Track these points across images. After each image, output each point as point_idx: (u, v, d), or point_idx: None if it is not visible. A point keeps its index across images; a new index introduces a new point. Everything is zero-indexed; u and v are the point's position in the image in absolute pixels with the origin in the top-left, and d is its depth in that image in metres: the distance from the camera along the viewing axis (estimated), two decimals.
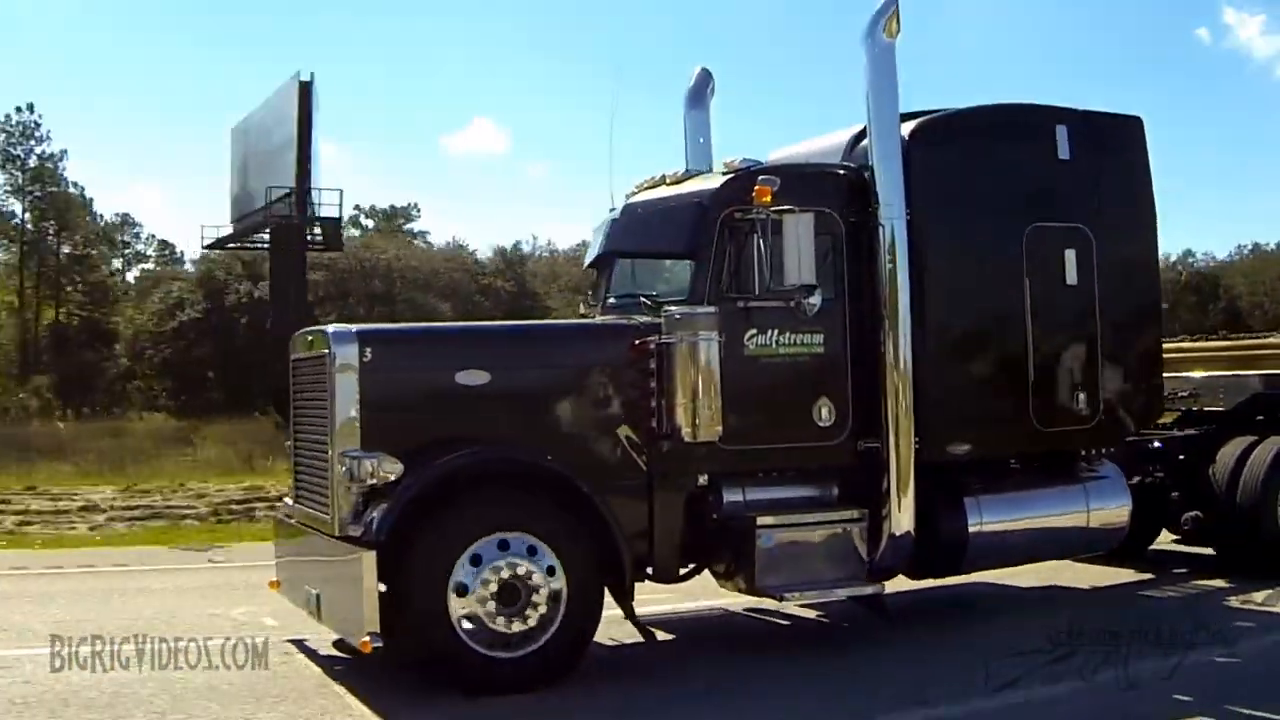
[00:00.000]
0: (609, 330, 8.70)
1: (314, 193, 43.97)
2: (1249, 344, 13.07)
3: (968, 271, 9.28)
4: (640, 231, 9.25)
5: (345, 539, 7.55)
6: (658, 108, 35.92)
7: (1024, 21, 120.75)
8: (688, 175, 9.43)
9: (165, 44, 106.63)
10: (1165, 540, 11.84)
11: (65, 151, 66.53)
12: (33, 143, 65.30)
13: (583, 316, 10.04)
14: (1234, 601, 10.11)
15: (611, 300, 9.37)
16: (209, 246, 52.82)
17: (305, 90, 42.50)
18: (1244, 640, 8.72)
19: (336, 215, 46.11)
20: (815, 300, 8.49)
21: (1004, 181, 9.54)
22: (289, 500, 9.35)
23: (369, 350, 7.83)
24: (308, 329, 8.86)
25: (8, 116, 64.59)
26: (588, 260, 10.07)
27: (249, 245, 51.27)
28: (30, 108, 64.97)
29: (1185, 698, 7.24)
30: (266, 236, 46.87)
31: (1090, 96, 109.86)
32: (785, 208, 8.32)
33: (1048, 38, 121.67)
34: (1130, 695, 7.19)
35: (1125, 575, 11.34)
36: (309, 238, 45.87)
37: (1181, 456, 11.20)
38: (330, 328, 8.20)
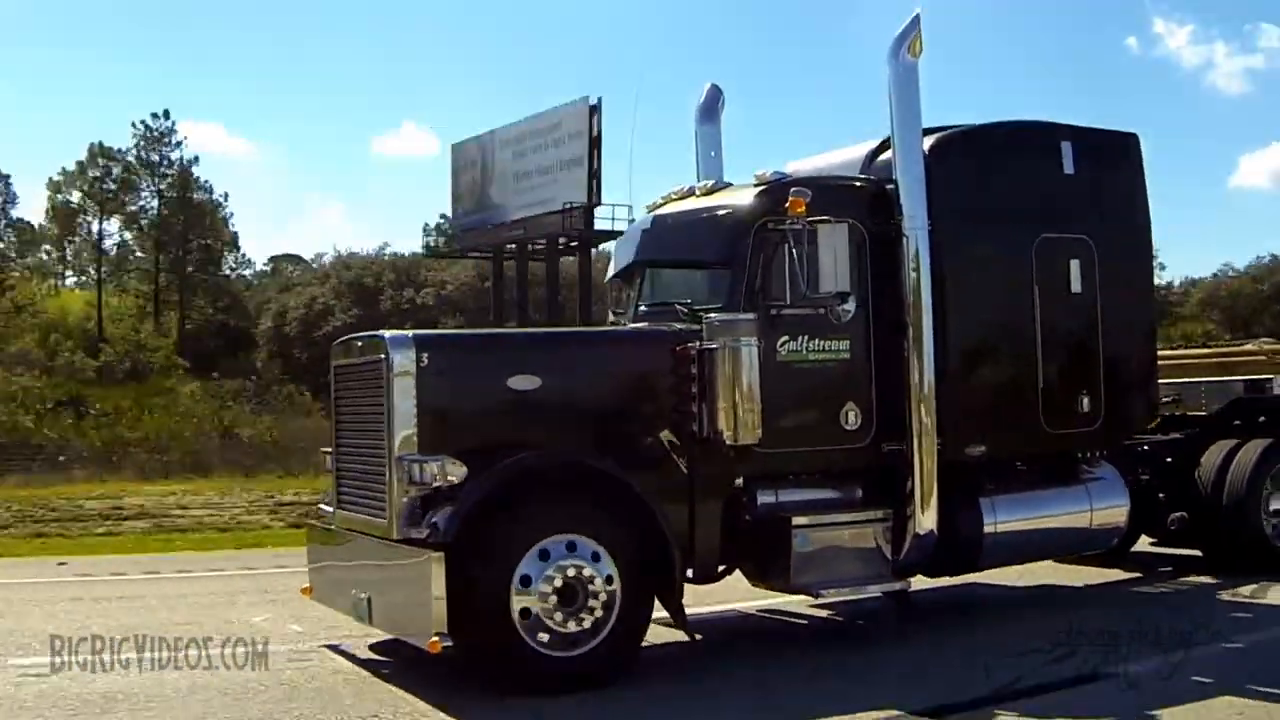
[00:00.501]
0: (652, 336, 8.97)
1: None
2: (1228, 351, 13.69)
3: (983, 280, 9.72)
4: (675, 241, 9.56)
5: (406, 542, 7.74)
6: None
7: (952, 29, 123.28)
8: (718, 187, 9.77)
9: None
10: (1143, 543, 12.33)
11: (197, 158, 71.12)
12: (166, 149, 68.95)
13: (612, 324, 10.27)
14: (1225, 595, 10.63)
15: (643, 308, 9.64)
16: (431, 255, 63.32)
17: (594, 112, 44.84)
18: (1244, 633, 9.18)
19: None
20: (849, 307, 8.87)
21: (1015, 194, 10.00)
22: (325, 506, 9.55)
23: (425, 355, 8.04)
24: (356, 335, 9.06)
25: (144, 122, 68.45)
26: (614, 270, 10.35)
27: (472, 254, 56.03)
28: (166, 114, 68.82)
29: (1205, 680, 7.64)
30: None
31: (1020, 104, 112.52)
32: (821, 218, 8.69)
33: (976, 46, 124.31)
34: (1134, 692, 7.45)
35: (1114, 575, 11.81)
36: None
37: (1169, 459, 11.69)
38: (386, 333, 8.41)
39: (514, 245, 49.48)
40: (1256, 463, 11.37)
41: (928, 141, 9.45)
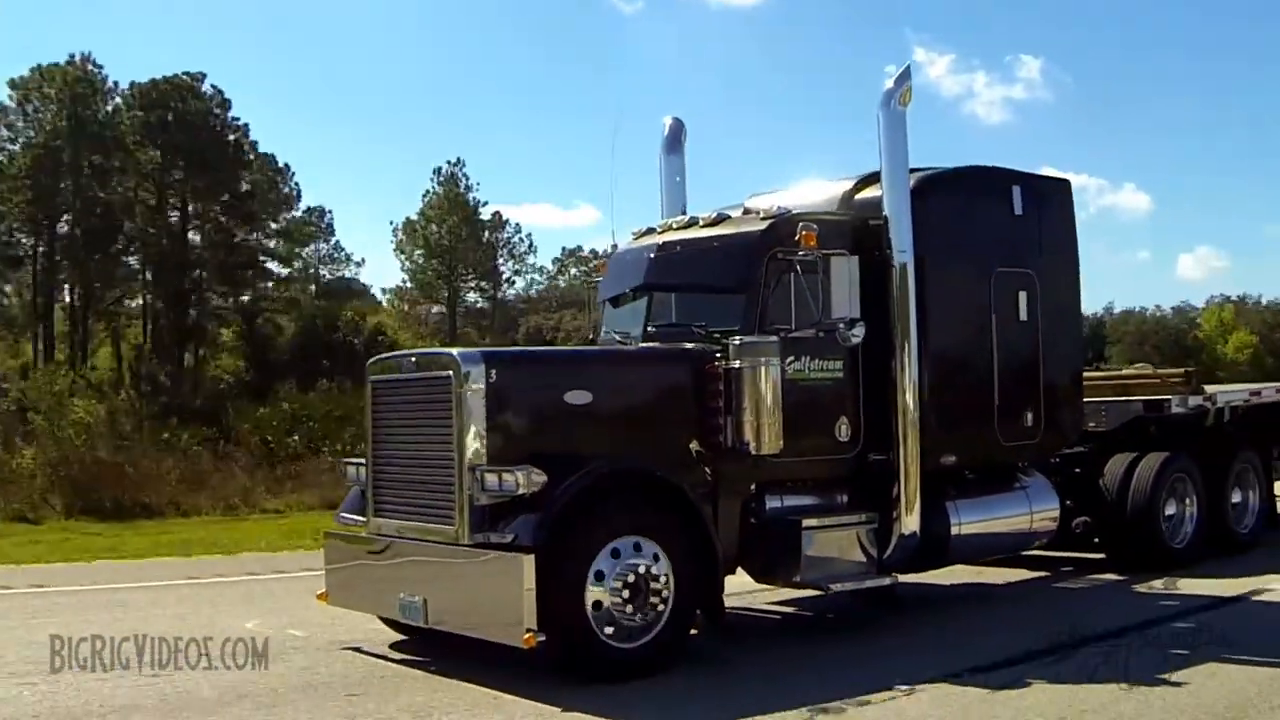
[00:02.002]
0: (686, 355, 9.85)
1: None
2: (1123, 374, 15.42)
3: (954, 308, 10.98)
4: (688, 268, 10.47)
5: (485, 545, 8.47)
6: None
7: (712, 57, 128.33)
8: (721, 218, 10.72)
9: None
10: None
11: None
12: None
13: (619, 343, 11.04)
14: (1141, 589, 12.15)
15: (651, 328, 10.54)
16: None
17: None
18: (1193, 614, 10.71)
19: None
20: (858, 331, 9.95)
21: (978, 232, 11.34)
22: (348, 515, 10.14)
23: (494, 371, 8.79)
24: (406, 352, 9.73)
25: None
26: (614, 292, 11.22)
27: None
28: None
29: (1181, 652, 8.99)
30: None
31: (783, 132, 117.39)
32: (835, 251, 9.81)
33: (735, 74, 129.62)
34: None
35: (1024, 574, 13.26)
36: None
37: (1076, 470, 13.18)
38: (456, 350, 9.13)
39: None
40: (1157, 473, 12.98)
41: (910, 182, 10.65)
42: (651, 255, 10.78)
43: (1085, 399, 12.96)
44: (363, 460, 9.97)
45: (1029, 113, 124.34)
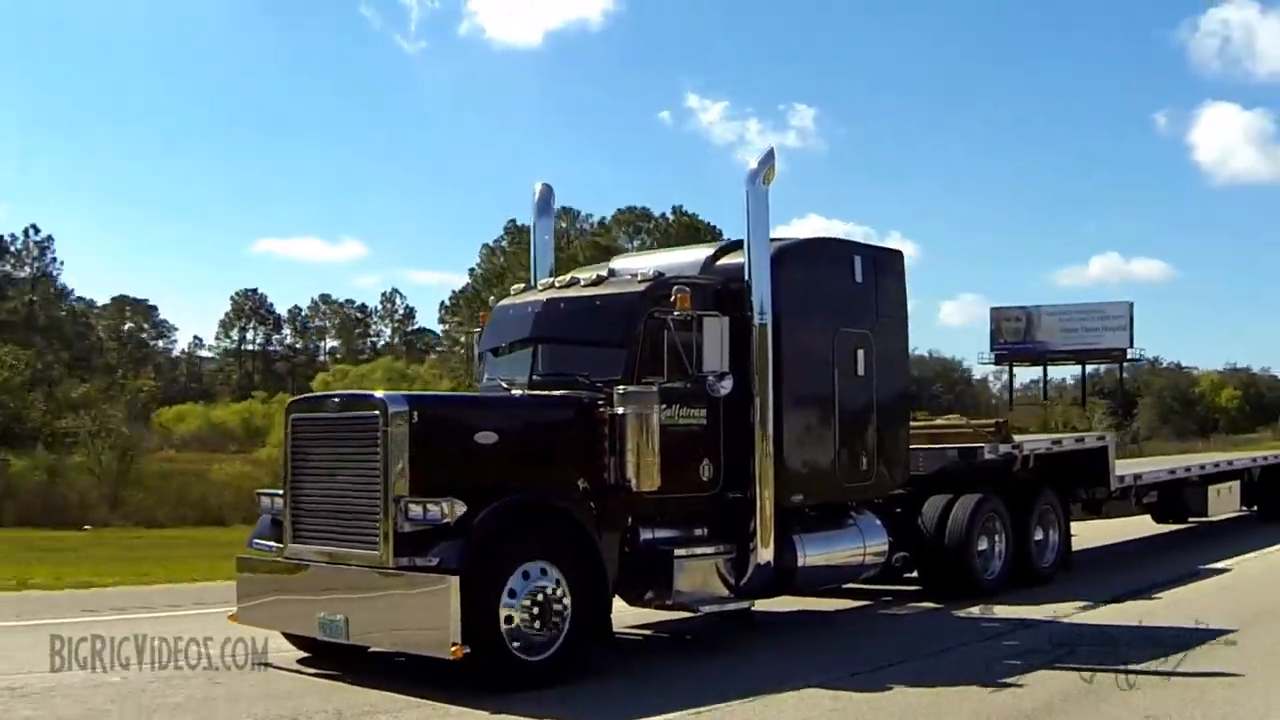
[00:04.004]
0: (576, 401, 11.46)
1: None
2: (936, 424, 17.70)
3: (804, 363, 12.88)
4: (573, 323, 12.11)
5: (412, 569, 9.89)
6: None
7: (493, 97, 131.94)
8: (599, 279, 12.44)
9: None
10: None
11: None
12: None
13: (468, 389, 12.68)
14: (960, 613, 14.21)
15: (536, 377, 12.13)
16: None
17: None
18: (1005, 637, 12.72)
19: None
20: (727, 384, 11.74)
21: (825, 296, 13.33)
22: (262, 541, 11.47)
23: (416, 413, 10.30)
24: (329, 394, 11.21)
25: None
26: (496, 343, 12.81)
27: None
28: None
29: (1015, 662, 10.99)
30: None
31: (553, 173, 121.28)
32: (708, 312, 11.63)
33: (515, 114, 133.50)
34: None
35: (852, 602, 15.23)
36: None
37: (897, 509, 15.22)
38: (380, 393, 10.62)
39: None
40: (971, 512, 15.14)
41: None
42: (538, 311, 12.40)
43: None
44: (279, 491, 11.31)
45: (800, 161, 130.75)
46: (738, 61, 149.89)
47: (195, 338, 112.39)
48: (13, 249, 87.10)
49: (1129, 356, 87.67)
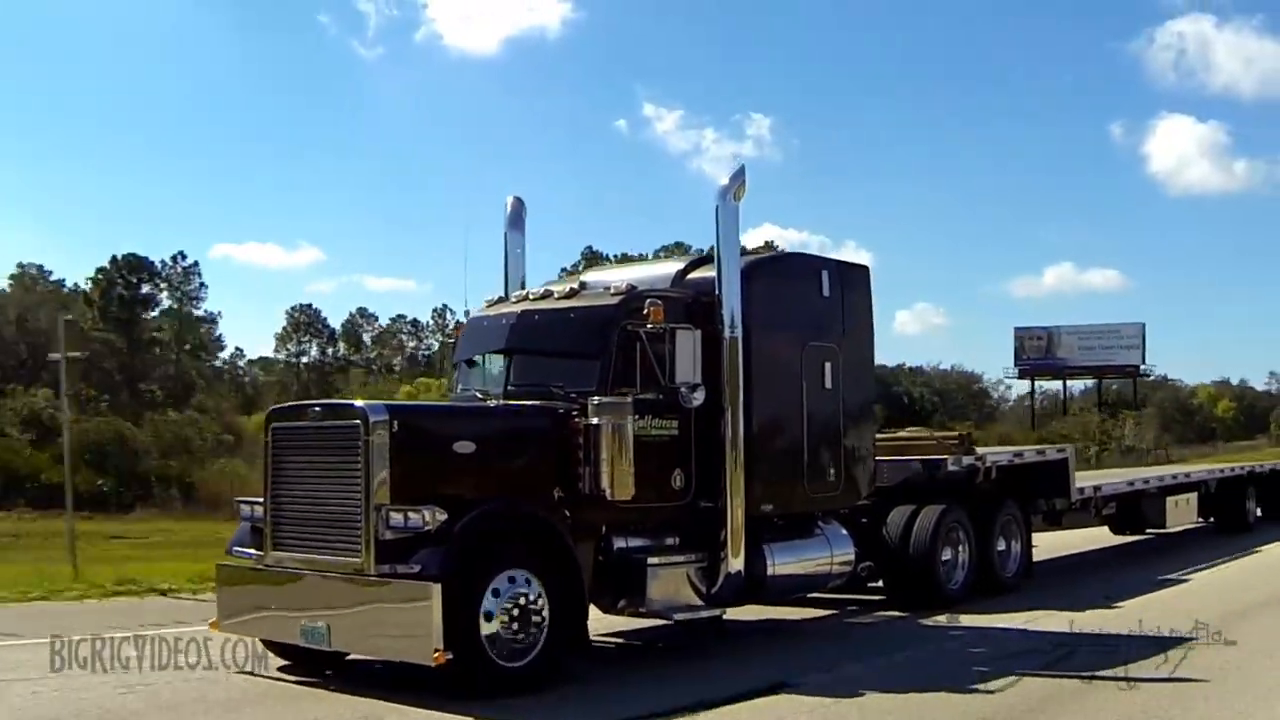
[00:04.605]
0: (552, 412, 11.77)
1: None
2: (900, 436, 18.15)
3: (773, 375, 13.27)
4: (547, 335, 12.44)
5: (394, 576, 10.18)
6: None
7: (450, 104, 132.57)
8: (572, 291, 12.78)
9: None
10: None
11: None
12: None
13: (443, 398, 12.99)
14: (926, 622, 14.63)
15: (511, 387, 12.47)
16: None
17: None
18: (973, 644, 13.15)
19: None
20: (699, 395, 12.10)
21: (794, 310, 13.73)
22: (242, 549, 11.74)
23: (396, 422, 10.61)
24: (310, 402, 11.48)
25: None
26: (471, 353, 13.14)
27: None
28: None
29: (983, 668, 11.39)
30: None
31: (509, 180, 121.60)
32: (681, 324, 12.00)
33: (473, 121, 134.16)
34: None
35: (818, 611, 15.62)
36: None
37: (863, 520, 15.62)
38: (360, 403, 10.92)
39: None
40: (935, 523, 15.55)
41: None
42: (512, 323, 12.74)
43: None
44: (258, 499, 11.58)
45: (756, 170, 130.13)
46: (694, 71, 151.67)
47: (236, 348, 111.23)
48: None
49: (1141, 372, 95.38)
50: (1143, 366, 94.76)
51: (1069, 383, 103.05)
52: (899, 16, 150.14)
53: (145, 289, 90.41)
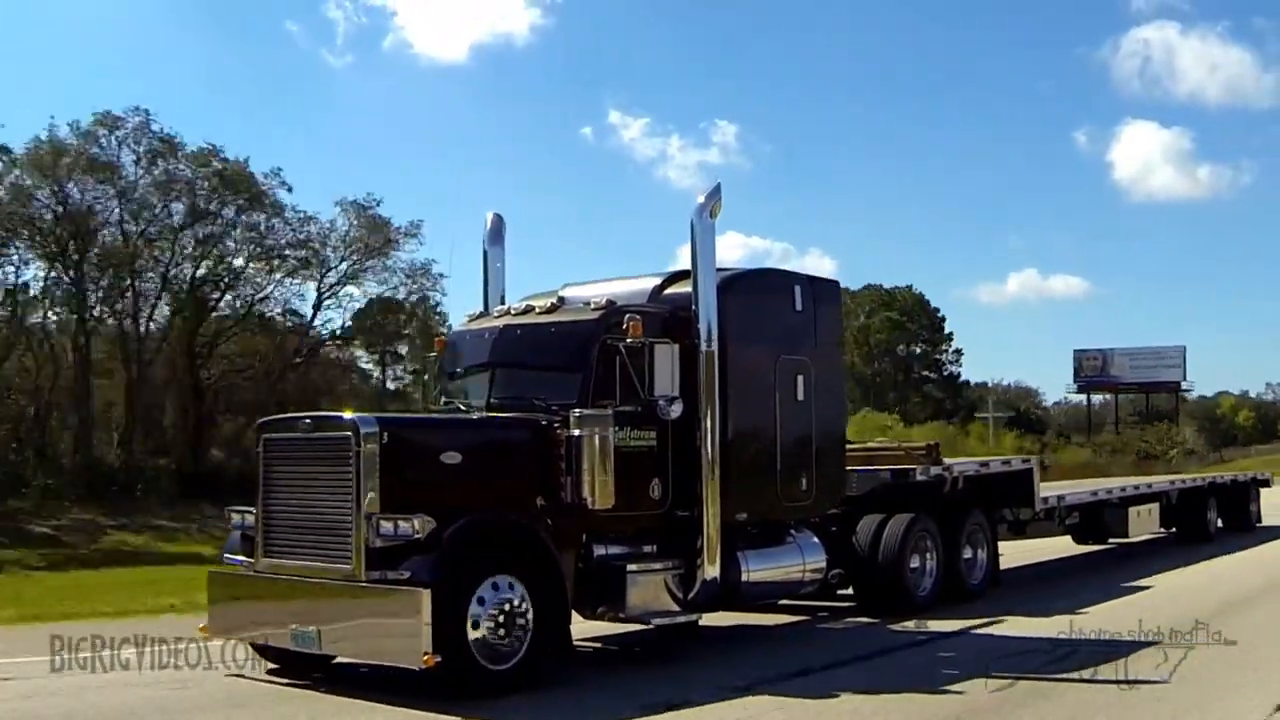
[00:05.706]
0: (535, 423, 12.32)
1: None
2: (869, 446, 18.80)
3: (748, 387, 13.85)
4: (529, 349, 13.02)
5: (384, 582, 10.70)
6: None
7: (420, 112, 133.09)
8: (553, 306, 13.34)
9: None
10: None
11: None
12: None
13: (428, 411, 13.50)
14: (896, 628, 15.23)
15: (494, 400, 13.01)
16: None
17: None
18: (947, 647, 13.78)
19: None
20: (678, 408, 12.67)
21: (767, 324, 14.33)
22: (233, 556, 12.23)
23: (386, 434, 11.14)
24: (299, 414, 12.01)
25: None
26: (455, 367, 13.69)
27: None
28: None
29: (953, 670, 11.99)
30: None
31: (475, 189, 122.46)
32: (660, 339, 12.58)
33: (443, 129, 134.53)
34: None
35: (791, 617, 16.21)
36: None
37: (833, 528, 16.22)
38: (350, 414, 11.46)
39: None
40: (904, 531, 16.17)
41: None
42: (494, 337, 13.30)
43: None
44: (250, 508, 12.08)
45: (721, 177, 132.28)
46: (660, 79, 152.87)
47: None
48: None
49: (1182, 388, 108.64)
50: (1183, 384, 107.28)
51: (1104, 396, 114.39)
52: (865, 25, 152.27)
53: None
